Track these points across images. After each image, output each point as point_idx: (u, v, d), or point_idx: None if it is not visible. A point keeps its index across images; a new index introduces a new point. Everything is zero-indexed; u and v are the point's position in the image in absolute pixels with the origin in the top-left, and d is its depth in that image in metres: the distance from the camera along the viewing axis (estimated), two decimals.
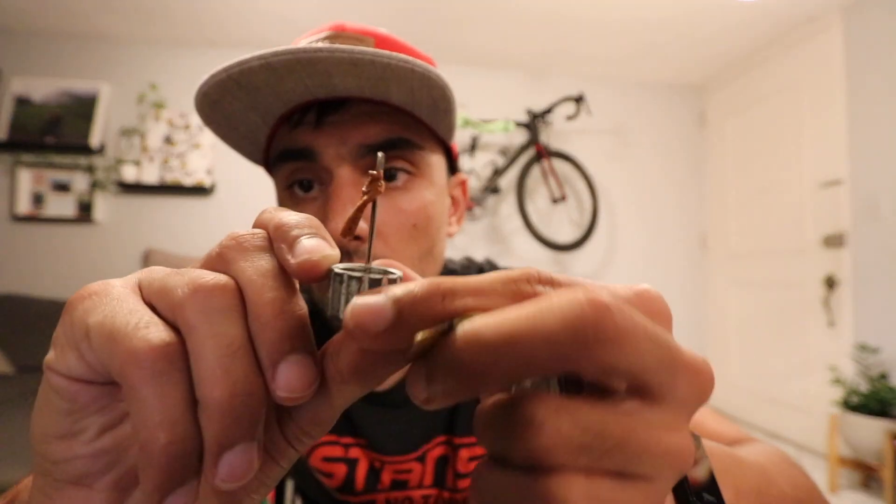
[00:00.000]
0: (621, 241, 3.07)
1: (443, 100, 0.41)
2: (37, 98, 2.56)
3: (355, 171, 0.41)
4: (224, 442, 0.15)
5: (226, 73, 0.36)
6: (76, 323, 0.16)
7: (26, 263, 2.54)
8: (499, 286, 0.15)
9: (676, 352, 0.14)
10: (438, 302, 0.14)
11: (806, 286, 2.38)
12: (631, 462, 0.14)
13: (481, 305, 0.15)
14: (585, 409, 0.14)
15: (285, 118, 0.42)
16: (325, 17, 2.43)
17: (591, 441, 0.13)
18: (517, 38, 2.66)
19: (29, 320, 2.30)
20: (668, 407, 0.15)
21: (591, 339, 0.13)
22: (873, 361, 1.98)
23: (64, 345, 0.16)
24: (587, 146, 3.03)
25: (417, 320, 0.14)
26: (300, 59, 0.35)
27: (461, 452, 0.51)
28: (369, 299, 0.14)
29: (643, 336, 0.13)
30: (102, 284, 0.17)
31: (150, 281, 0.17)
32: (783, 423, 2.48)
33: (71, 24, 2.56)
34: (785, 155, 2.55)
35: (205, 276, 0.16)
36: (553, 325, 0.13)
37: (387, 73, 0.37)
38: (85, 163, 2.57)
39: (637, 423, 0.14)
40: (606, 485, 0.14)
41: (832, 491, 1.88)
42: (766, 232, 2.67)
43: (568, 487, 0.13)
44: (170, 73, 2.70)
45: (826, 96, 2.32)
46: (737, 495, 0.24)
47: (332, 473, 0.49)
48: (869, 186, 2.11)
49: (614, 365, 0.13)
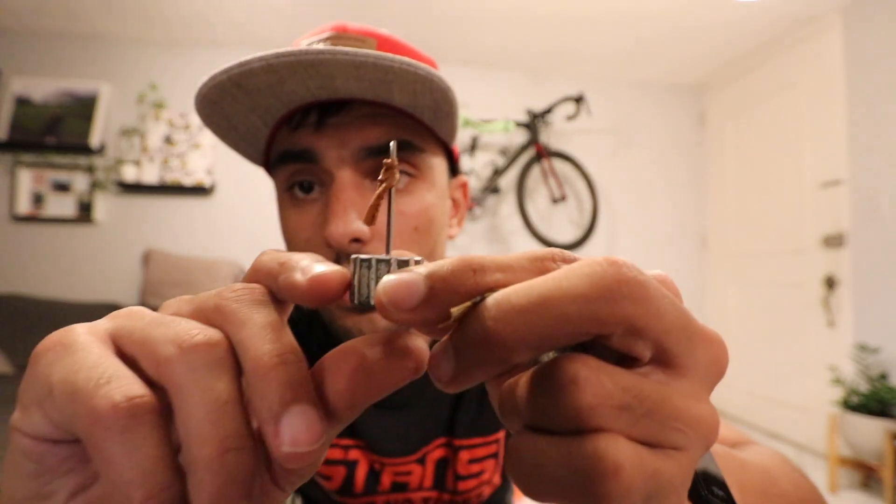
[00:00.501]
0: (621, 241, 3.07)
1: (445, 102, 0.41)
2: (37, 98, 2.56)
3: (356, 173, 0.40)
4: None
5: (226, 75, 0.36)
6: (39, 379, 0.15)
7: (26, 263, 2.54)
8: (525, 262, 0.16)
9: (693, 320, 0.15)
10: (470, 276, 0.15)
11: (806, 286, 2.38)
12: (665, 428, 0.14)
13: (510, 280, 0.15)
14: (621, 372, 0.14)
15: (286, 119, 0.41)
16: (326, 16, 2.43)
17: (631, 401, 0.14)
18: (517, 38, 2.66)
19: (29, 320, 2.30)
20: (691, 376, 0.15)
21: (617, 294, 0.13)
22: (873, 361, 1.98)
23: (28, 403, 0.15)
24: (587, 146, 3.03)
25: (450, 294, 0.14)
26: (302, 61, 0.35)
27: (461, 454, 0.51)
28: (401, 275, 0.15)
29: (662, 296, 0.14)
30: (66, 333, 0.16)
31: (129, 330, 0.16)
32: (783, 423, 2.48)
33: (71, 24, 2.56)
34: (785, 155, 2.55)
35: (192, 331, 0.15)
36: (580, 285, 0.13)
37: (389, 76, 0.37)
38: (85, 163, 2.57)
39: (667, 391, 0.14)
40: (646, 452, 0.14)
41: (832, 491, 1.88)
42: (765, 232, 2.67)
43: (615, 446, 0.13)
44: (170, 73, 2.70)
45: (826, 96, 2.32)
46: (741, 494, 0.24)
47: (330, 476, 0.49)
48: (869, 186, 2.11)
49: (639, 321, 0.14)
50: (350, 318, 0.41)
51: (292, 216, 0.42)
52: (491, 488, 0.55)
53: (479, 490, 0.53)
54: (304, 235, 0.41)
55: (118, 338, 0.16)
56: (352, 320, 0.41)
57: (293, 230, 0.42)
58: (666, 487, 0.14)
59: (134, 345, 0.16)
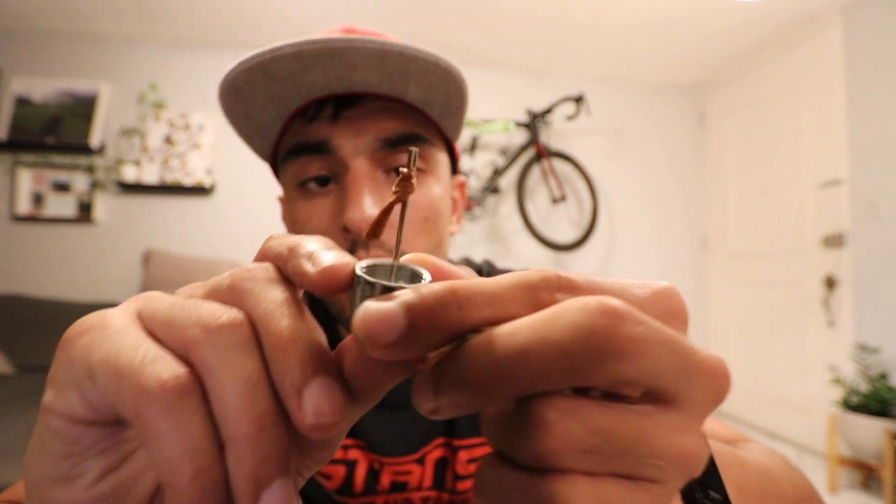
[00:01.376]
0: (621, 241, 3.07)
1: (457, 96, 0.43)
2: (37, 98, 2.57)
3: (371, 163, 0.41)
4: (259, 480, 0.14)
5: (257, 59, 0.37)
6: (76, 361, 0.15)
7: (26, 263, 2.54)
8: (518, 294, 0.15)
9: (692, 356, 0.14)
10: (455, 312, 0.14)
11: (806, 286, 2.38)
12: (640, 465, 0.14)
13: (497, 317, 0.14)
14: (596, 411, 0.13)
15: (299, 112, 0.42)
16: (327, 16, 2.43)
17: (601, 444, 0.13)
18: (517, 38, 2.66)
19: (29, 320, 2.30)
20: (682, 410, 0.14)
21: (604, 352, 0.12)
22: (873, 361, 1.98)
23: (63, 384, 0.15)
24: (587, 146, 3.03)
25: (432, 331, 0.14)
26: (332, 49, 0.36)
27: (460, 454, 0.51)
28: (381, 305, 0.14)
29: (657, 343, 0.13)
30: (99, 317, 0.16)
31: (152, 312, 0.16)
32: (783, 423, 2.48)
33: (71, 24, 2.56)
34: (785, 155, 2.55)
35: (217, 312, 0.15)
36: (564, 338, 0.13)
37: (411, 67, 0.38)
38: (85, 163, 2.57)
39: (649, 427, 0.14)
40: (612, 487, 0.14)
41: (832, 491, 1.88)
42: (765, 232, 2.67)
43: (573, 489, 0.13)
44: (170, 73, 2.70)
45: (826, 96, 2.32)
46: (740, 493, 0.24)
47: (330, 475, 0.50)
48: (868, 186, 2.11)
49: (627, 377, 0.13)
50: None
51: (305, 208, 0.42)
52: None
53: None
54: (318, 224, 0.41)
55: (144, 320, 0.16)
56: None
57: (305, 221, 0.42)
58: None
59: (158, 326, 0.16)
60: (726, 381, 0.15)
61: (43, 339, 2.26)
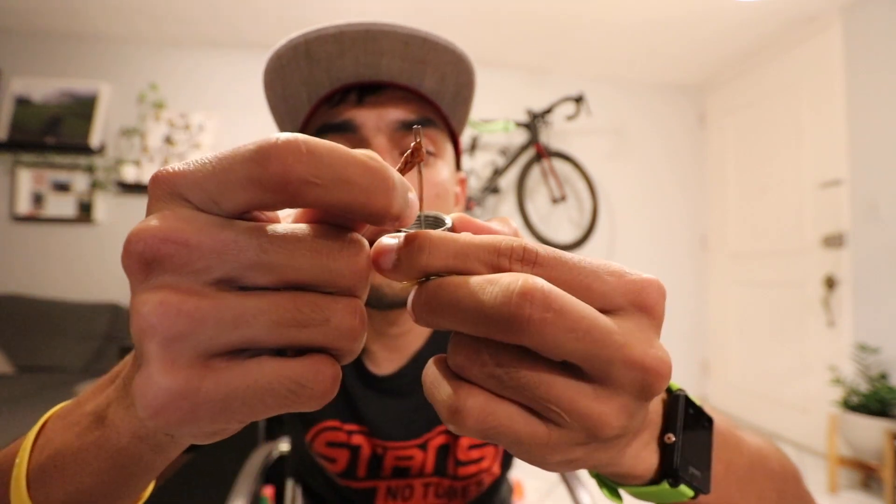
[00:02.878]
0: (621, 241, 3.07)
1: (467, 87, 0.48)
2: (37, 98, 2.56)
3: (389, 143, 0.46)
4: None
5: (302, 38, 0.42)
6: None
7: (26, 264, 2.54)
8: (484, 255, 0.17)
9: (614, 347, 0.16)
10: (424, 257, 0.17)
11: (805, 286, 2.38)
12: (537, 404, 0.17)
13: (458, 269, 0.17)
14: (506, 353, 0.17)
15: (325, 100, 0.47)
16: (326, 16, 2.43)
17: (501, 375, 0.17)
18: (517, 38, 2.66)
19: (29, 320, 2.30)
20: (600, 385, 0.17)
21: (511, 326, 0.15)
22: (873, 361, 1.98)
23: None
24: (587, 146, 3.03)
25: (409, 267, 0.18)
26: (370, 31, 0.42)
27: (461, 440, 0.53)
28: (385, 241, 0.18)
29: (564, 330, 0.15)
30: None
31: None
32: (783, 423, 2.48)
33: (71, 23, 2.56)
34: (784, 155, 2.55)
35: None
36: (485, 305, 0.16)
37: (430, 55, 0.44)
38: (85, 163, 2.57)
39: (554, 382, 0.17)
40: (505, 406, 0.17)
41: (832, 491, 1.87)
42: (765, 232, 2.67)
43: (469, 395, 0.17)
44: (170, 72, 2.70)
45: (826, 96, 2.32)
46: (727, 471, 0.27)
47: (335, 458, 0.52)
48: (868, 186, 2.11)
49: (536, 347, 0.16)
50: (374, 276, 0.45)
51: None
52: (490, 478, 0.56)
53: (479, 477, 0.55)
54: None
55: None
56: (376, 278, 0.44)
57: None
58: (509, 438, 0.17)
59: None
60: (658, 378, 0.17)
61: (42, 339, 2.26)
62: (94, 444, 0.20)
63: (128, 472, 0.21)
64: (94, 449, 0.20)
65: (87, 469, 0.21)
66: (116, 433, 0.20)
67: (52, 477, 0.21)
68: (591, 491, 0.59)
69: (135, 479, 0.21)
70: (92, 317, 2.37)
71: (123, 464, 0.20)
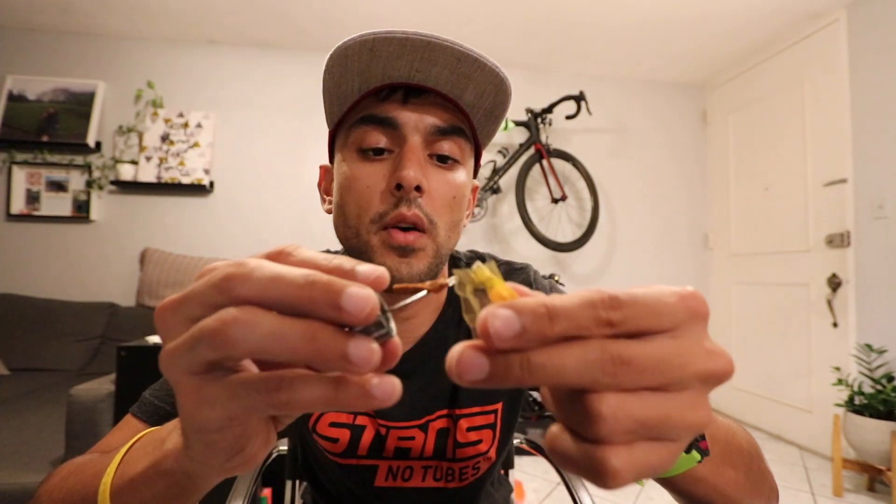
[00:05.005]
0: (622, 241, 3.05)
1: (500, 106, 0.52)
2: (31, 95, 2.54)
3: (424, 143, 0.49)
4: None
5: (372, 35, 0.45)
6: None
7: (21, 263, 2.52)
8: (586, 313, 0.18)
9: (679, 367, 0.18)
10: (547, 323, 0.17)
11: (809, 286, 2.36)
12: (664, 434, 0.18)
13: (570, 332, 0.18)
14: (636, 404, 0.18)
15: (372, 93, 0.50)
16: (325, 15, 2.41)
17: (638, 428, 0.18)
18: (517, 38, 2.64)
19: (24, 321, 2.28)
20: (690, 394, 0.19)
21: (598, 379, 0.17)
22: (878, 362, 1.96)
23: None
24: (587, 145, 3.01)
25: (532, 335, 0.18)
26: (431, 43, 0.45)
27: (461, 423, 0.57)
28: (506, 312, 0.18)
29: (647, 379, 0.18)
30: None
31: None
32: (786, 425, 2.45)
33: (67, 21, 2.53)
34: (788, 153, 2.53)
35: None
36: (570, 366, 0.18)
37: (476, 73, 0.48)
38: (81, 161, 2.55)
39: (671, 408, 0.18)
40: (643, 449, 0.18)
41: (837, 494, 1.85)
42: (769, 231, 2.65)
43: (615, 454, 0.17)
44: (167, 71, 2.68)
45: (830, 94, 2.30)
46: (712, 441, 0.36)
47: (337, 438, 0.55)
48: (873, 185, 2.09)
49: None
50: (389, 258, 0.47)
51: (365, 167, 0.49)
52: (487, 463, 0.60)
53: (477, 461, 0.58)
54: (375, 181, 0.48)
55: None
56: (392, 260, 0.47)
57: (359, 177, 0.49)
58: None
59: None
60: (724, 374, 0.19)
61: (38, 340, 2.24)
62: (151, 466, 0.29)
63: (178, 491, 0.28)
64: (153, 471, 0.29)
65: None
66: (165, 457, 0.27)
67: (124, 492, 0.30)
68: (592, 491, 0.63)
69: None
70: (88, 317, 2.34)
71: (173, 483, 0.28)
